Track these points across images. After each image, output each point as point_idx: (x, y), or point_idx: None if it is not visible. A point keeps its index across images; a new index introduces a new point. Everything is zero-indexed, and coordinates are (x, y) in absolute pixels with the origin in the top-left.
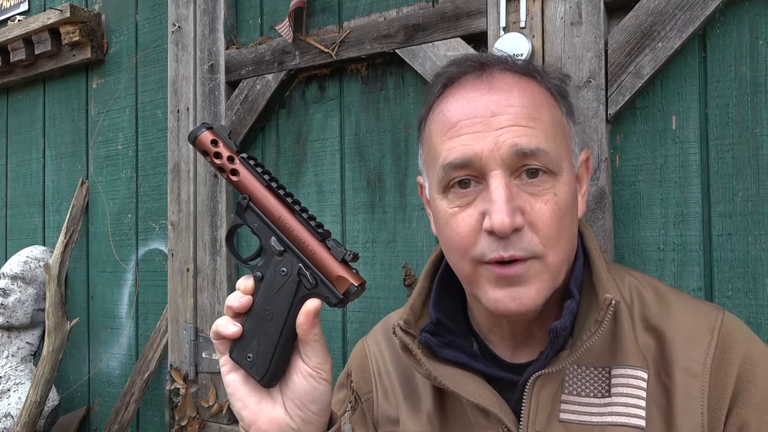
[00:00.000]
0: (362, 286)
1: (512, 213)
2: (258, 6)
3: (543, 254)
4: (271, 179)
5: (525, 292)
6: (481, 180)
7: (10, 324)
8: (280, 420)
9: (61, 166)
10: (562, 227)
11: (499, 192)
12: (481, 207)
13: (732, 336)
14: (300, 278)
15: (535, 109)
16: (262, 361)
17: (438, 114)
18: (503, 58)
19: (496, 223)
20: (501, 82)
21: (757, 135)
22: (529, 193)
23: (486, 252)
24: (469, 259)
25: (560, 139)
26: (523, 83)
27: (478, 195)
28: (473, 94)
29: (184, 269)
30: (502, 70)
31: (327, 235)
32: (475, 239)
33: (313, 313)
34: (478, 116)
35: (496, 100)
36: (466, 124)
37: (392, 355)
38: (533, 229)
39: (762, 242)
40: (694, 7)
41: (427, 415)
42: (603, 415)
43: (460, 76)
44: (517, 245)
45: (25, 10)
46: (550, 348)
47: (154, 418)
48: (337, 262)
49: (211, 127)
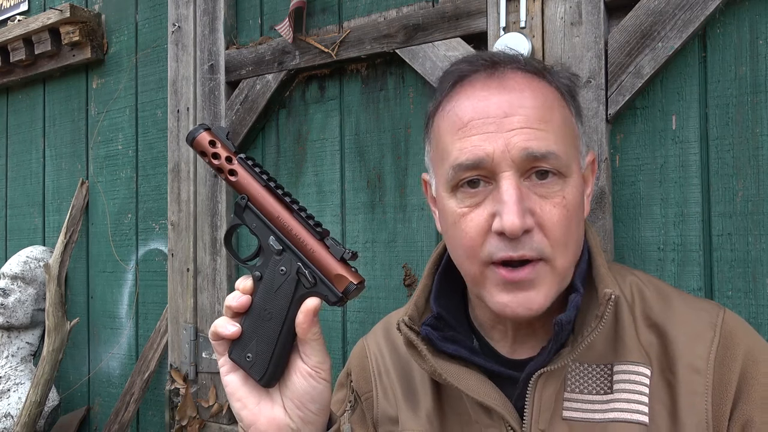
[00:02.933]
0: (361, 285)
1: (523, 214)
2: (258, 6)
3: (551, 257)
4: (269, 179)
5: (533, 297)
6: (491, 180)
7: (10, 324)
8: (279, 420)
9: (61, 166)
10: (570, 230)
11: (510, 193)
12: (490, 208)
13: (734, 332)
14: (299, 277)
15: (547, 111)
16: (262, 361)
17: (448, 112)
18: (515, 57)
19: (507, 224)
20: (512, 82)
21: (757, 135)
22: (539, 195)
23: (494, 252)
24: (477, 260)
25: (570, 141)
26: (535, 83)
27: (487, 195)
28: (485, 92)
29: (184, 269)
30: (514, 69)
31: (325, 234)
32: (484, 240)
33: (312, 311)
34: (490, 116)
35: (508, 100)
36: (477, 124)
37: (392, 354)
38: (543, 231)
39: (762, 242)
40: (694, 7)
41: (427, 414)
42: (606, 411)
43: (471, 74)
44: (527, 245)
45: (25, 10)
46: (554, 342)
47: (154, 418)
48: (336, 261)
49: (208, 128)
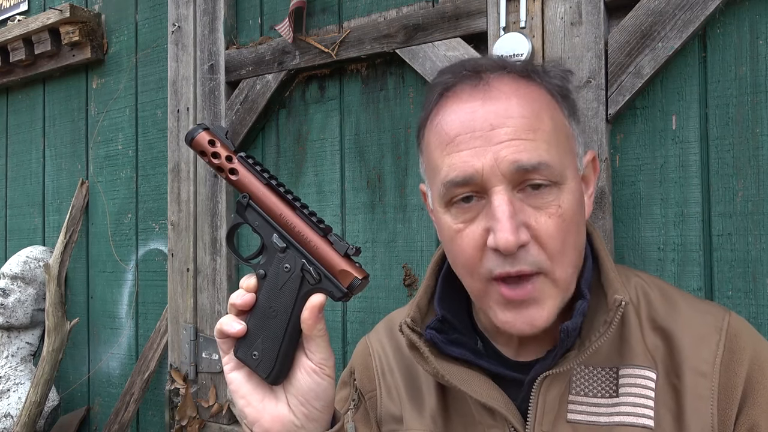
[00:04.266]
0: (366, 279)
1: (516, 230)
2: (258, 6)
3: (550, 270)
4: (270, 177)
5: (536, 314)
6: (483, 195)
7: (9, 324)
8: (283, 417)
9: (60, 166)
10: (567, 240)
11: (503, 209)
12: (484, 223)
13: (740, 336)
14: (303, 274)
15: (536, 118)
16: (268, 359)
17: (435, 126)
18: (500, 62)
19: (501, 241)
20: (498, 91)
21: (757, 135)
22: (533, 207)
23: (492, 268)
24: (478, 276)
25: (563, 145)
26: (522, 89)
27: (481, 210)
28: (470, 105)
29: (184, 269)
30: (500, 75)
31: (329, 231)
32: (482, 255)
33: (318, 308)
34: (477, 130)
35: (494, 111)
36: (464, 139)
37: (396, 353)
38: (539, 243)
39: (762, 242)
40: (694, 7)
41: (431, 414)
42: (611, 415)
43: (456, 85)
44: (523, 260)
45: (25, 10)
46: (560, 347)
47: (154, 418)
48: (339, 257)
49: (207, 128)
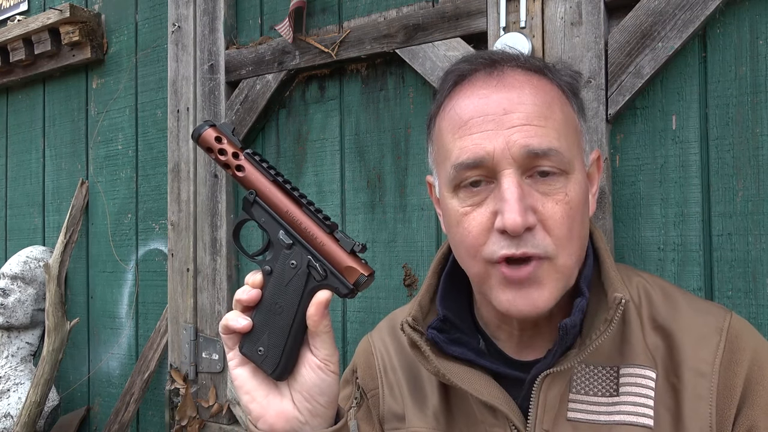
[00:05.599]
0: (372, 276)
1: (524, 212)
2: (258, 6)
3: (554, 255)
4: (276, 174)
5: (538, 295)
6: (492, 179)
7: (9, 324)
8: (288, 413)
9: (60, 166)
10: (573, 227)
11: (511, 191)
12: (492, 206)
13: (740, 337)
14: (309, 270)
15: (547, 107)
16: (274, 355)
17: (449, 111)
18: (514, 55)
19: (509, 222)
20: (512, 79)
21: (757, 135)
22: (541, 192)
23: (496, 250)
24: (480, 258)
25: (572, 138)
26: (535, 80)
27: (489, 194)
28: (484, 91)
29: (184, 269)
30: (513, 67)
31: (334, 227)
32: (487, 238)
33: (323, 304)
34: (490, 114)
35: (508, 98)
36: (477, 122)
37: (398, 351)
38: (545, 228)
39: (762, 242)
40: (694, 7)
41: (433, 412)
42: (611, 414)
43: (471, 73)
44: (529, 243)
45: (25, 10)
46: (559, 345)
47: (154, 418)
48: (345, 253)
49: (214, 125)
